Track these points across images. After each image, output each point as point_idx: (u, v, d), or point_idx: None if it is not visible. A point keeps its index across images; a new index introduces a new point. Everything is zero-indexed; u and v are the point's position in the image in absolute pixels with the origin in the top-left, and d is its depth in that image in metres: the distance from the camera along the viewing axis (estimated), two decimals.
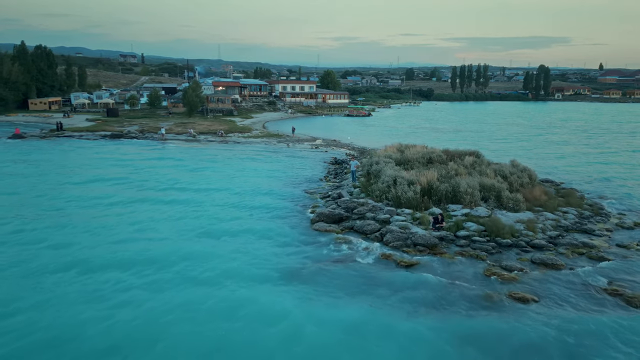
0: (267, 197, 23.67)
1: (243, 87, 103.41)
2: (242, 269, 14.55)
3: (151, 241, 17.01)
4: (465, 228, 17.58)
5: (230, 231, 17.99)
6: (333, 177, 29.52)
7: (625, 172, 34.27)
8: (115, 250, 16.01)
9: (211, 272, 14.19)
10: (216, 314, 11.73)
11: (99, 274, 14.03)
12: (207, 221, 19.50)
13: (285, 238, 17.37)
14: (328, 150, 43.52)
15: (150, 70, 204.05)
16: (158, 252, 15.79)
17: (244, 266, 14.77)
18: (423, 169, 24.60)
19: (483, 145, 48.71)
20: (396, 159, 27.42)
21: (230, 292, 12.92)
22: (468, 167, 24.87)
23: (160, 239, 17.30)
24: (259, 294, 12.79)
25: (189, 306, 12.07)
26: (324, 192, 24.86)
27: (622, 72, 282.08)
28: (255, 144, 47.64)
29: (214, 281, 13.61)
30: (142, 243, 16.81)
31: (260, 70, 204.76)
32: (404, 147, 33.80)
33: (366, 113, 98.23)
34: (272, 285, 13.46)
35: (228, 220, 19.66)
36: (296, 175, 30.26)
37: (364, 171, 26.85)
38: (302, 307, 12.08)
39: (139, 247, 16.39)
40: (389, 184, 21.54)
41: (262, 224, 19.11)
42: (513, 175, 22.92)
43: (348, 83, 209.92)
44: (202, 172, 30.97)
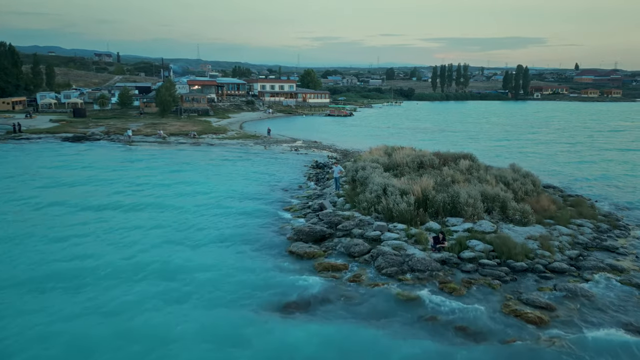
0: (237, 209, 20.54)
1: (220, 86, 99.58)
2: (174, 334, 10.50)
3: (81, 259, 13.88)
4: (470, 248, 14.85)
5: (183, 266, 14.41)
6: (314, 184, 26.59)
7: (621, 172, 32.30)
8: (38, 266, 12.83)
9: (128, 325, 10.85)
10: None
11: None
12: (150, 254, 15.38)
13: (253, 270, 13.99)
14: (308, 152, 40.57)
15: (125, 70, 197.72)
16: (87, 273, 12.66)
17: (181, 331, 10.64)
18: (415, 175, 21.86)
19: (471, 145, 46.46)
20: (384, 163, 24.65)
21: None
22: (465, 173, 22.25)
23: (89, 267, 14.06)
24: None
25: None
26: (304, 202, 21.90)
27: (598, 72, 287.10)
28: (230, 146, 44.35)
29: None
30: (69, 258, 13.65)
31: (239, 70, 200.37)
32: (391, 149, 31.10)
33: (348, 113, 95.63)
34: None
35: (182, 246, 16.31)
36: (273, 181, 27.23)
37: (348, 177, 23.99)
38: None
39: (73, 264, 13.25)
40: (378, 194, 18.71)
41: (227, 249, 15.98)
42: (516, 182, 20.36)
43: (329, 83, 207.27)
44: (165, 179, 27.65)
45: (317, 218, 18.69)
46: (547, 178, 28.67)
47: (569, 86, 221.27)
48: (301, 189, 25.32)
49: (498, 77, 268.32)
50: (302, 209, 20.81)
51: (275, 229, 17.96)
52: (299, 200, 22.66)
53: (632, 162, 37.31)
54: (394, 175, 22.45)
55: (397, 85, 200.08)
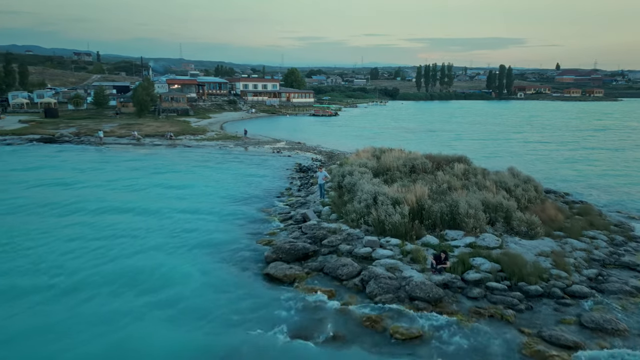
0: (208, 222, 18.25)
1: (201, 85, 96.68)
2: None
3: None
4: (475, 267, 12.90)
5: (141, 288, 12.30)
6: (297, 190, 24.43)
7: (616, 173, 30.91)
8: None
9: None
10: None
11: None
12: (111, 268, 13.61)
13: (218, 300, 11.73)
14: (292, 154, 38.40)
15: (104, 69, 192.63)
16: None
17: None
18: (407, 180, 19.89)
19: (460, 146, 44.86)
20: (372, 167, 22.63)
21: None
22: (461, 178, 20.36)
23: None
24: None
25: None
26: (285, 212, 19.74)
27: (579, 72, 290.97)
28: (209, 147, 41.92)
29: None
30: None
31: (221, 69, 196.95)
32: (379, 151, 29.15)
33: (332, 113, 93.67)
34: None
35: (143, 261, 14.10)
36: (252, 187, 24.99)
37: (334, 183, 21.91)
38: None
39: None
40: (367, 204, 16.65)
41: (193, 270, 13.72)
42: (518, 188, 18.53)
43: (313, 82, 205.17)
44: (132, 184, 25.18)
45: (299, 231, 16.57)
46: (543, 181, 26.99)
47: (551, 86, 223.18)
48: (282, 196, 23.15)
49: (481, 77, 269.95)
50: (283, 220, 18.65)
51: (251, 244, 15.77)
52: (280, 209, 20.49)
53: (625, 162, 36.04)
54: (384, 181, 20.45)
55: (382, 85, 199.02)
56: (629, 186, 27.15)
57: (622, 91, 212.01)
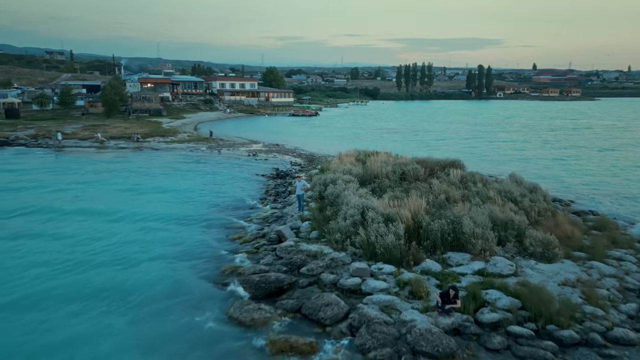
0: (165, 243, 15.33)
1: (175, 85, 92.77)
2: None
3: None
4: (490, 304, 10.37)
5: (68, 338, 9.46)
6: (272, 200, 21.63)
7: (611, 174, 29.08)
8: None
9: None
10: None
11: None
12: (35, 316, 10.82)
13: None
14: (269, 157, 35.55)
15: (76, 68, 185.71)
16: None
17: None
18: (398, 190, 17.32)
19: (446, 147, 42.74)
20: (358, 174, 20.01)
21: None
22: (459, 186, 17.92)
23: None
24: None
25: None
26: (258, 229, 16.95)
27: (555, 72, 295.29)
28: (178, 150, 38.73)
29: None
30: None
31: (199, 68, 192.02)
32: (364, 154, 26.64)
33: (313, 112, 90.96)
34: None
35: (74, 303, 11.17)
36: (221, 197, 22.08)
37: (315, 193, 19.22)
38: None
39: None
40: (354, 220, 14.00)
41: (136, 314, 10.81)
42: (524, 199, 16.15)
43: (293, 82, 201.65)
44: (82, 195, 21.98)
45: (273, 255, 13.81)
46: (557, 187, 24.85)
47: (529, 86, 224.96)
48: (256, 208, 20.33)
49: (460, 77, 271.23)
50: (255, 238, 15.84)
51: (213, 273, 12.94)
52: (252, 224, 17.67)
53: (617, 162, 34.37)
54: (372, 190, 17.85)
55: (362, 85, 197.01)
56: (626, 187, 25.25)
57: (597, 91, 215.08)
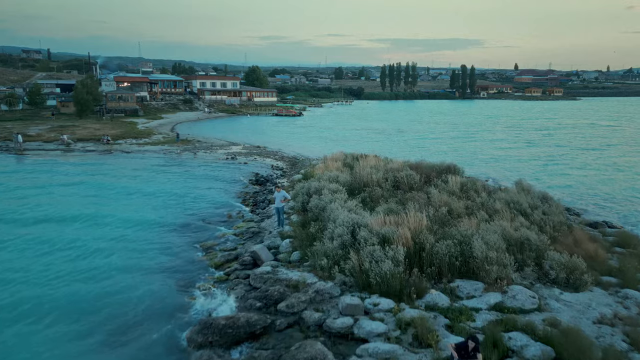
0: (118, 266, 12.85)
1: (153, 83, 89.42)
2: None
3: None
4: (516, 353, 8.25)
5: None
6: (250, 211, 19.23)
7: (609, 178, 27.47)
8: None
9: None
10: None
11: None
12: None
13: None
14: (249, 160, 33.11)
15: (51, 67, 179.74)
16: None
17: None
18: (393, 201, 15.13)
19: (435, 148, 40.90)
20: (346, 182, 17.79)
21: None
22: (460, 196, 15.82)
23: None
24: None
25: None
26: (230, 248, 14.57)
27: (536, 72, 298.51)
28: (151, 153, 35.98)
29: None
30: None
31: (179, 67, 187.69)
32: (352, 158, 24.48)
33: (297, 112, 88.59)
34: None
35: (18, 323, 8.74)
36: (192, 208, 19.62)
37: (297, 204, 16.92)
38: None
39: None
40: (343, 241, 11.74)
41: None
42: (536, 211, 14.12)
43: (277, 82, 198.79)
44: (34, 203, 19.28)
45: (246, 284, 11.50)
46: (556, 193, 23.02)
47: (512, 85, 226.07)
48: (230, 220, 17.93)
49: (444, 76, 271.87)
50: (226, 261, 13.46)
51: (170, 309, 10.54)
52: (223, 242, 15.28)
53: (612, 164, 32.89)
54: (363, 201, 15.63)
55: (346, 85, 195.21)
56: (626, 191, 23.58)
57: (579, 90, 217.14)
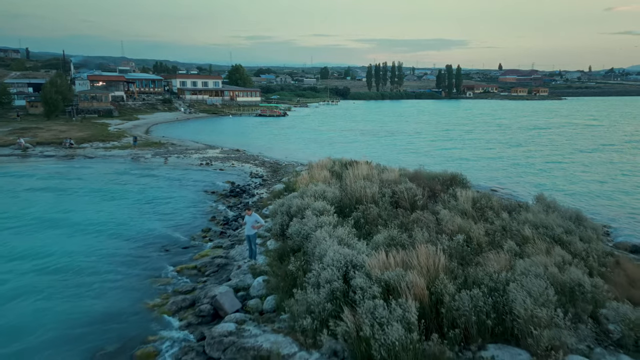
0: (36, 322, 9.59)
1: (130, 83, 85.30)
2: None
3: None
4: None
5: None
6: (219, 233, 16.02)
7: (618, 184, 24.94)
8: None
9: None
10: None
11: None
12: None
13: None
14: (225, 166, 29.87)
15: (28, 66, 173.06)
16: None
17: None
18: (394, 225, 12.09)
19: (429, 152, 38.15)
20: (334, 198, 14.71)
21: None
22: (475, 217, 12.89)
23: None
24: None
25: None
26: (186, 289, 11.38)
27: (520, 72, 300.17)
28: (118, 158, 32.50)
29: None
30: None
31: (162, 66, 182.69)
32: (340, 165, 21.47)
33: (281, 113, 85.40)
34: None
35: None
36: (148, 228, 16.35)
37: (276, 226, 13.81)
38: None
39: None
40: (333, 291, 8.66)
41: None
42: (573, 237, 11.25)
43: (262, 81, 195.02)
44: None
45: (199, 351, 8.36)
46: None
47: (497, 85, 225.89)
48: (194, 245, 14.74)
49: (429, 76, 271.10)
50: (179, 309, 10.28)
51: None
52: (181, 278, 12.10)
53: (610, 166, 30.49)
54: (356, 224, 12.58)
55: (332, 85, 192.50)
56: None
57: (562, 90, 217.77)
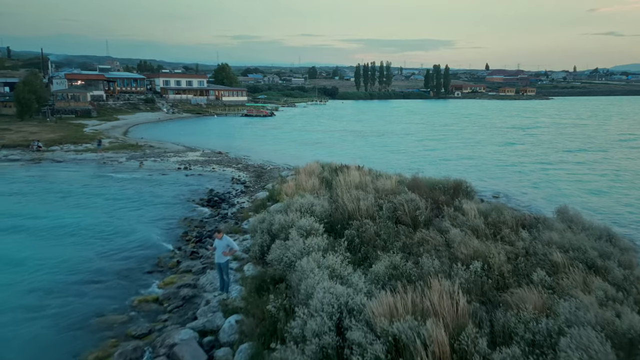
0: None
1: (111, 82, 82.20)
2: None
3: None
4: None
5: None
6: (189, 253, 13.78)
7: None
8: None
9: None
10: None
11: None
12: None
13: None
14: (205, 171, 27.59)
15: (7, 65, 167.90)
16: None
17: None
18: (395, 249, 10.04)
19: (423, 154, 36.29)
20: (323, 212, 12.60)
21: None
22: (488, 235, 10.89)
23: None
24: None
25: None
26: (138, 333, 9.18)
27: (507, 72, 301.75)
28: (89, 162, 30.01)
29: None
30: None
31: (146, 65, 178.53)
32: (329, 170, 19.45)
33: (268, 113, 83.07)
34: None
35: None
36: (108, 248, 14.07)
37: (254, 248, 11.67)
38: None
39: None
40: (324, 349, 6.56)
41: None
42: (610, 263, 9.32)
43: (249, 81, 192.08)
44: None
45: None
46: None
47: (485, 85, 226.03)
48: (159, 269, 12.53)
49: (417, 76, 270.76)
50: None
51: None
52: (137, 315, 9.89)
53: (614, 167, 28.93)
54: (349, 246, 10.50)
55: (321, 84, 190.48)
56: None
57: (549, 90, 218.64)
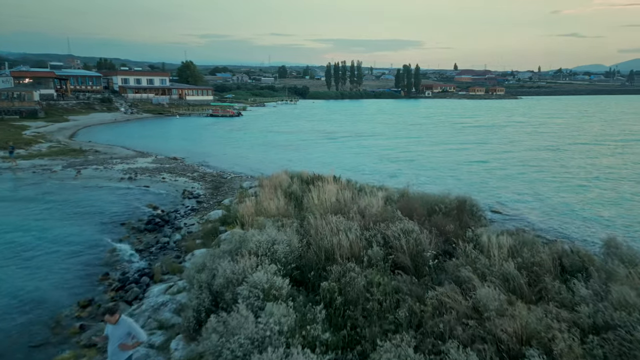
0: None
1: (63, 80, 76.08)
2: None
3: None
4: None
5: None
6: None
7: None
8: None
9: None
10: None
11: None
12: None
13: None
14: (153, 180, 23.56)
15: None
16: None
17: None
18: (398, 317, 6.64)
19: (405, 157, 33.23)
20: (289, 253, 9.03)
21: None
22: (526, 292, 7.63)
23: None
24: None
25: None
26: None
27: (475, 72, 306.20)
28: (17, 171, 25.46)
29: None
30: None
31: (106, 63, 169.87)
32: (299, 182, 15.92)
33: (235, 112, 78.83)
34: None
35: None
36: (7, 301, 10.16)
37: (187, 314, 8.01)
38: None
39: None
40: None
41: None
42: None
43: (217, 80, 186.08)
44: None
45: None
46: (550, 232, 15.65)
47: (454, 85, 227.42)
48: (54, 340, 8.75)
49: (387, 76, 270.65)
50: None
51: None
52: None
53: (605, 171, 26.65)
54: (329, 317, 7.01)
55: (291, 84, 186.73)
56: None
57: (516, 89, 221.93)
